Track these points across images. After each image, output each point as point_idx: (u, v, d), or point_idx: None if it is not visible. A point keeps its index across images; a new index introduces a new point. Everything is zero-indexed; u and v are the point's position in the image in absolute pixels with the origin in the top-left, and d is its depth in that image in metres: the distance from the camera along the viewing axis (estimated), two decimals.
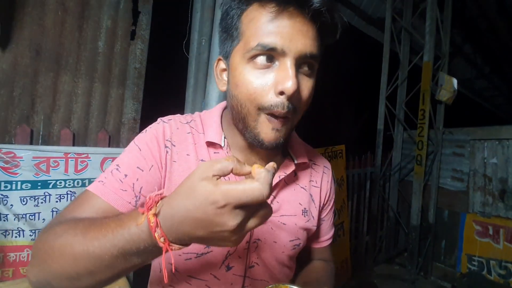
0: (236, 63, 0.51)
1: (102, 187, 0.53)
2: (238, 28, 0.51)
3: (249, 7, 0.50)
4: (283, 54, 0.48)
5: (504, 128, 2.84)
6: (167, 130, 0.59)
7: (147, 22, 1.89)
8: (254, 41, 0.48)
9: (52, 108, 1.60)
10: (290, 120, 0.52)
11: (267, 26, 0.48)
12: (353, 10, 3.50)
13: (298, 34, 0.48)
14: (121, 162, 0.56)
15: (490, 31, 5.04)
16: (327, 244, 0.78)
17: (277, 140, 0.52)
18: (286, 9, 0.47)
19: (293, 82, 0.47)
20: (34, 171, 1.47)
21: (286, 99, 0.48)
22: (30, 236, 1.48)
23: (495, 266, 2.83)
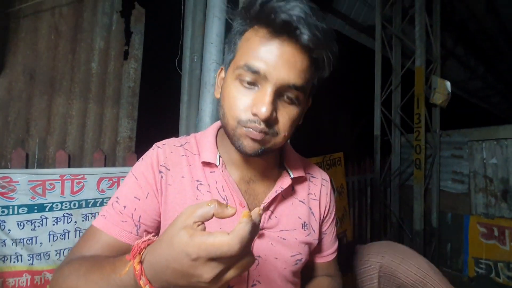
0: (227, 77, 0.55)
1: (105, 221, 0.56)
2: (236, 44, 0.55)
3: (250, 28, 0.53)
4: (265, 79, 0.50)
5: (501, 128, 2.84)
6: (161, 155, 0.62)
7: (139, 42, 1.92)
8: (242, 60, 0.51)
9: (47, 131, 1.61)
10: (269, 139, 0.53)
11: (257, 49, 0.50)
12: (343, 19, 3.57)
13: (284, 64, 0.49)
14: (120, 194, 0.59)
15: (481, 31, 5.11)
16: (331, 258, 0.76)
17: (256, 150, 0.53)
18: (278, 37, 0.49)
19: (267, 108, 0.48)
20: (30, 194, 1.46)
21: (261, 121, 0.50)
22: (28, 261, 1.47)
23: (503, 268, 2.77)
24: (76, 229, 1.57)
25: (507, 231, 2.75)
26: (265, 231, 0.62)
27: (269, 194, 0.62)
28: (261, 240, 0.61)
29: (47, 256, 1.50)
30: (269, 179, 0.66)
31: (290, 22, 0.46)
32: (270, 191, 0.63)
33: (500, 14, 4.65)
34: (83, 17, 1.73)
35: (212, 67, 1.45)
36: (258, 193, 0.64)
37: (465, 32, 5.15)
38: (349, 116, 5.44)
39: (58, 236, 1.53)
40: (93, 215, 1.61)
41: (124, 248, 0.55)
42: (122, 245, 0.56)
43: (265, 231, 0.62)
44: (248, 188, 0.64)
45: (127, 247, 0.55)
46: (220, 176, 0.61)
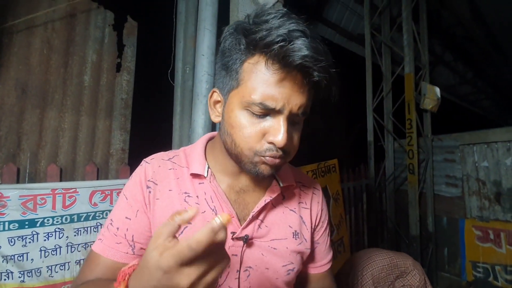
0: (233, 106, 0.55)
1: (102, 244, 0.59)
2: (238, 72, 0.53)
3: (253, 57, 0.52)
4: (279, 112, 0.52)
5: (491, 132, 2.88)
6: (148, 171, 0.64)
7: (132, 54, 1.94)
8: (256, 96, 0.51)
9: (39, 145, 1.60)
10: (283, 160, 0.57)
11: (270, 87, 0.51)
12: (333, 29, 3.64)
13: (295, 95, 0.52)
14: (114, 215, 0.61)
15: (468, 38, 5.25)
16: (326, 269, 0.76)
17: (272, 172, 0.57)
18: (291, 73, 0.50)
19: (283, 137, 0.52)
20: (21, 210, 1.44)
21: (277, 147, 0.53)
22: (19, 278, 1.43)
23: (500, 271, 2.77)
24: (67, 244, 1.55)
25: (503, 233, 2.76)
26: (255, 240, 0.62)
27: (258, 203, 0.63)
28: (251, 250, 0.61)
29: (39, 273, 1.47)
30: (260, 189, 0.66)
31: (304, 63, 0.48)
32: (259, 200, 0.64)
33: (486, 20, 4.80)
34: (75, 31, 1.74)
35: (204, 78, 1.47)
36: (248, 202, 0.64)
37: (452, 39, 5.29)
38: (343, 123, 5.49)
39: (50, 251, 1.50)
40: (85, 230, 1.59)
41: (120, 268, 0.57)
42: (120, 266, 0.56)
43: (255, 241, 0.62)
44: (238, 198, 0.64)
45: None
46: (209, 187, 0.62)
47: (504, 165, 2.78)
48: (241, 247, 0.60)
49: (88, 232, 1.60)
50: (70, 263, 1.55)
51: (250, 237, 0.61)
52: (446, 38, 5.20)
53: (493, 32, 5.24)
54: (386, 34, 3.54)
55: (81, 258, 1.57)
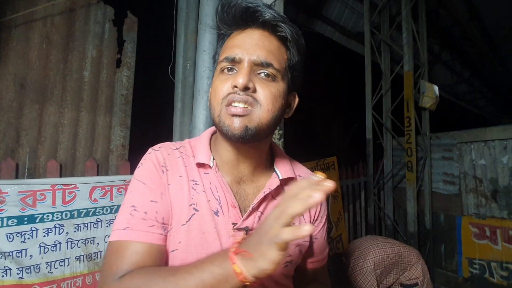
0: (214, 78, 0.62)
1: (131, 232, 0.56)
2: (218, 54, 0.64)
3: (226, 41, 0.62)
4: (240, 61, 0.57)
5: (488, 130, 2.91)
6: (159, 157, 0.64)
7: (132, 50, 1.93)
8: (222, 56, 0.60)
9: (38, 140, 1.59)
10: (252, 113, 0.57)
11: (231, 42, 0.60)
12: (333, 27, 3.65)
13: (254, 45, 0.58)
14: (135, 202, 0.59)
15: (465, 38, 5.29)
16: (322, 264, 0.77)
17: (243, 130, 0.56)
18: (246, 28, 0.60)
19: (243, 78, 0.55)
20: (20, 206, 1.43)
21: (241, 91, 0.56)
22: (17, 275, 1.42)
23: (496, 268, 2.81)
24: (67, 240, 1.54)
25: (499, 230, 2.80)
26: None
27: (258, 195, 0.64)
28: None
29: (37, 269, 1.46)
30: (259, 181, 0.67)
31: (250, 7, 0.57)
32: (259, 192, 0.65)
33: (483, 21, 4.83)
34: (75, 26, 1.73)
35: (205, 74, 1.46)
36: (248, 194, 0.66)
37: (450, 38, 5.32)
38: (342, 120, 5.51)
39: (49, 248, 1.49)
40: (85, 226, 1.58)
41: (159, 251, 0.57)
42: (157, 249, 0.57)
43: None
44: (239, 189, 0.65)
45: (161, 250, 0.58)
46: (214, 177, 0.63)
47: (500, 163, 2.81)
48: (242, 238, 0.61)
49: (88, 228, 1.59)
50: (70, 259, 1.54)
51: (250, 228, 0.62)
52: (444, 37, 5.23)
53: (490, 33, 5.28)
54: (386, 32, 3.56)
55: (81, 254, 1.57)
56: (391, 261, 1.59)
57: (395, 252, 1.60)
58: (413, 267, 1.67)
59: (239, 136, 0.56)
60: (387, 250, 1.59)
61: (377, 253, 1.56)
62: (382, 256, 1.58)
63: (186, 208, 0.60)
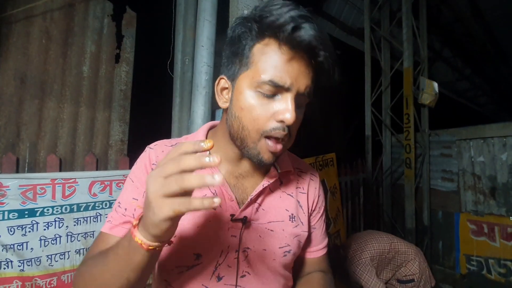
0: (243, 88, 0.56)
1: (111, 225, 0.61)
2: (248, 56, 0.56)
3: (263, 40, 0.55)
4: (287, 90, 0.54)
5: (487, 127, 2.91)
6: (152, 156, 0.66)
7: (131, 45, 1.93)
8: (266, 75, 0.53)
9: (38, 135, 1.61)
10: (285, 144, 0.59)
11: (280, 66, 0.53)
12: (333, 22, 3.63)
13: (302, 75, 0.55)
14: (121, 199, 0.63)
15: (467, 34, 5.25)
16: (322, 253, 0.78)
17: (273, 159, 0.59)
18: (299, 53, 0.53)
19: (292, 115, 0.54)
20: (21, 199, 1.45)
21: (285, 125, 0.55)
22: (18, 267, 1.44)
23: (494, 265, 2.82)
24: (67, 233, 1.56)
25: (497, 227, 2.81)
26: (253, 222, 0.64)
27: (257, 187, 0.65)
28: (249, 232, 0.64)
29: (38, 262, 1.48)
30: (258, 174, 0.68)
31: (312, 43, 0.52)
32: (257, 185, 0.66)
33: (485, 17, 4.80)
34: (74, 21, 1.73)
35: (204, 70, 1.47)
36: (247, 187, 0.66)
37: (451, 35, 5.29)
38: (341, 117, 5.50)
39: (50, 241, 1.52)
40: (85, 219, 1.60)
41: None
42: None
43: (253, 223, 0.64)
44: (237, 183, 0.66)
45: None
46: (210, 171, 0.64)
47: (499, 160, 2.81)
48: (240, 228, 0.63)
49: (88, 222, 1.61)
50: (70, 252, 1.56)
51: (248, 219, 0.63)
52: (445, 34, 5.20)
53: (491, 29, 5.25)
54: (386, 28, 3.54)
55: (81, 247, 1.59)
56: (388, 256, 1.62)
57: (392, 248, 1.62)
58: (410, 264, 1.69)
59: (267, 164, 0.59)
60: (385, 245, 1.62)
61: (375, 247, 1.59)
62: (379, 250, 1.60)
63: None
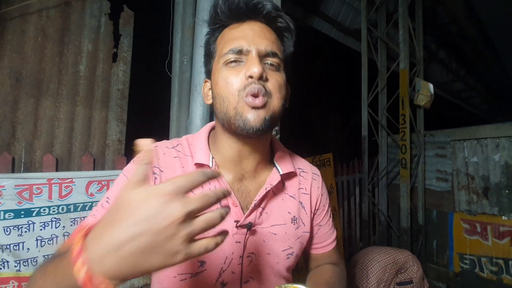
0: (215, 71, 0.61)
1: (94, 219, 0.56)
2: (214, 48, 0.64)
3: (218, 31, 0.64)
4: (248, 52, 0.58)
5: (481, 128, 2.95)
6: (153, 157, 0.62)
7: (128, 44, 1.92)
8: (225, 48, 0.59)
9: (34, 134, 1.59)
10: (268, 103, 0.57)
11: (232, 34, 0.60)
12: (330, 23, 3.64)
13: (258, 36, 0.59)
14: (110, 194, 0.60)
15: (462, 35, 5.31)
16: (331, 248, 0.79)
17: (262, 123, 0.56)
18: (246, 20, 0.61)
19: (257, 67, 0.55)
20: (17, 199, 1.43)
21: (256, 81, 0.56)
22: (15, 267, 1.43)
23: (486, 263, 2.87)
24: (64, 234, 1.55)
25: (489, 227, 2.85)
26: (257, 227, 0.64)
27: (260, 191, 0.64)
28: (253, 237, 0.63)
29: (35, 262, 1.47)
30: (260, 176, 0.67)
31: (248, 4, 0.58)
32: (260, 188, 0.65)
33: (480, 18, 4.85)
34: (70, 20, 1.71)
35: (203, 70, 1.46)
36: (250, 190, 0.66)
37: (447, 36, 5.34)
38: (338, 117, 5.53)
39: (46, 241, 1.51)
40: (81, 219, 1.59)
41: None
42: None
43: (257, 228, 0.64)
44: (241, 186, 0.65)
45: None
46: (217, 183, 0.62)
47: (492, 160, 2.86)
48: (245, 234, 0.62)
49: None
50: None
51: (252, 223, 0.62)
52: (441, 35, 5.25)
53: (486, 31, 5.31)
54: (382, 29, 3.56)
55: None
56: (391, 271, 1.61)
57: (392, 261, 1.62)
58: (409, 269, 1.71)
59: (258, 128, 0.56)
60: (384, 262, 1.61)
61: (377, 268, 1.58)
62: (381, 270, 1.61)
63: None
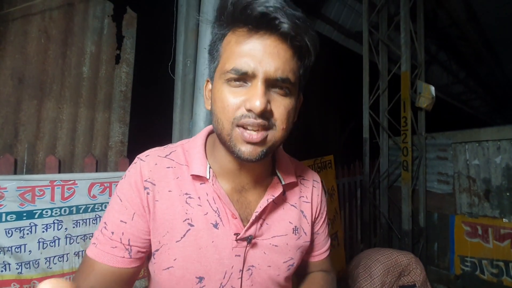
0: (216, 82, 0.53)
1: (96, 250, 0.56)
2: (218, 50, 0.53)
3: (229, 32, 0.52)
4: (254, 77, 0.49)
5: (482, 131, 2.96)
6: (144, 170, 0.58)
7: (131, 46, 1.92)
8: (229, 64, 0.50)
9: (36, 136, 1.58)
10: (267, 137, 0.51)
11: (240, 50, 0.49)
12: (332, 25, 3.65)
13: (268, 56, 0.48)
14: (107, 219, 0.57)
15: (462, 38, 5.33)
16: (324, 256, 0.78)
17: (259, 155, 0.51)
18: (258, 32, 0.48)
19: (260, 101, 0.47)
20: (19, 201, 1.43)
21: (257, 115, 0.49)
22: (16, 270, 1.42)
23: (487, 265, 2.87)
24: (66, 236, 1.54)
25: (490, 229, 2.86)
26: (257, 239, 0.61)
27: (261, 202, 0.61)
28: (254, 250, 0.61)
29: (37, 264, 1.47)
30: (261, 186, 0.64)
31: (268, 14, 0.46)
32: (261, 199, 0.62)
33: (480, 21, 4.88)
34: (73, 21, 1.71)
35: (206, 72, 1.47)
36: (250, 201, 0.62)
37: (447, 39, 5.36)
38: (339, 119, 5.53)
39: (48, 243, 1.50)
40: (84, 221, 1.59)
41: (117, 274, 0.55)
42: (115, 271, 0.55)
43: (257, 240, 0.61)
44: (240, 197, 0.62)
45: (123, 273, 0.56)
46: (211, 188, 0.59)
47: (494, 163, 2.86)
48: (245, 247, 0.59)
49: (87, 224, 1.59)
50: (69, 255, 1.55)
51: (253, 236, 0.60)
52: (441, 38, 5.27)
53: (486, 34, 5.33)
54: (384, 32, 3.57)
55: (80, 249, 1.57)
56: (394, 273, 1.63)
57: (395, 263, 1.64)
58: (412, 272, 1.71)
59: (252, 160, 0.51)
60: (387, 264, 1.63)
61: (380, 270, 1.60)
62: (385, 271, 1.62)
63: (179, 224, 0.57)
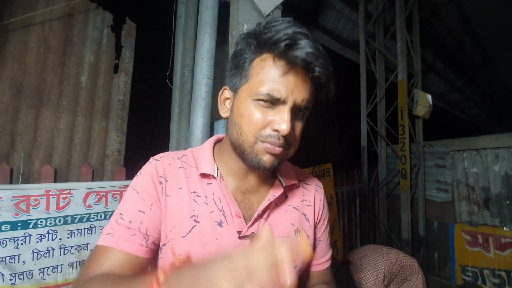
0: (243, 98, 0.59)
1: (112, 238, 0.57)
2: (248, 70, 0.59)
3: (261, 55, 0.58)
4: (283, 102, 0.57)
5: (480, 139, 2.96)
6: (159, 167, 0.64)
7: (130, 56, 1.93)
8: (263, 88, 0.56)
9: (33, 145, 1.58)
10: (284, 150, 0.59)
11: (276, 79, 0.56)
12: (329, 35, 3.70)
13: (298, 88, 0.57)
14: (123, 210, 0.60)
15: (458, 47, 5.40)
16: (326, 266, 0.78)
17: (273, 163, 0.59)
18: (295, 68, 0.56)
19: (287, 126, 0.55)
20: (14, 211, 1.41)
21: (281, 136, 0.57)
22: (10, 281, 1.40)
23: (489, 275, 2.84)
24: (60, 246, 1.52)
25: (491, 238, 2.83)
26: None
27: (262, 203, 0.65)
28: None
29: (30, 275, 1.44)
30: (264, 189, 0.69)
31: (306, 59, 0.54)
32: (263, 201, 0.66)
33: (475, 30, 4.95)
34: (73, 31, 1.73)
35: (204, 81, 1.48)
36: (253, 203, 0.67)
37: (443, 48, 5.43)
38: (337, 127, 5.55)
39: (42, 254, 1.47)
40: (79, 232, 1.57)
41: (135, 263, 0.57)
42: (133, 260, 0.57)
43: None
44: (244, 198, 0.66)
45: (138, 261, 0.57)
46: (218, 188, 0.64)
47: (492, 171, 2.86)
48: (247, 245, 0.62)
49: (82, 234, 1.57)
50: (63, 266, 1.52)
51: (255, 234, 0.63)
52: (437, 47, 5.34)
53: (482, 42, 5.41)
54: (380, 41, 3.62)
55: (74, 260, 1.55)
56: (394, 271, 1.63)
57: (398, 263, 1.64)
58: (413, 277, 1.70)
59: (269, 168, 0.59)
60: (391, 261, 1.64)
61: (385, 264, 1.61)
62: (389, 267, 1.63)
63: (186, 220, 0.61)
